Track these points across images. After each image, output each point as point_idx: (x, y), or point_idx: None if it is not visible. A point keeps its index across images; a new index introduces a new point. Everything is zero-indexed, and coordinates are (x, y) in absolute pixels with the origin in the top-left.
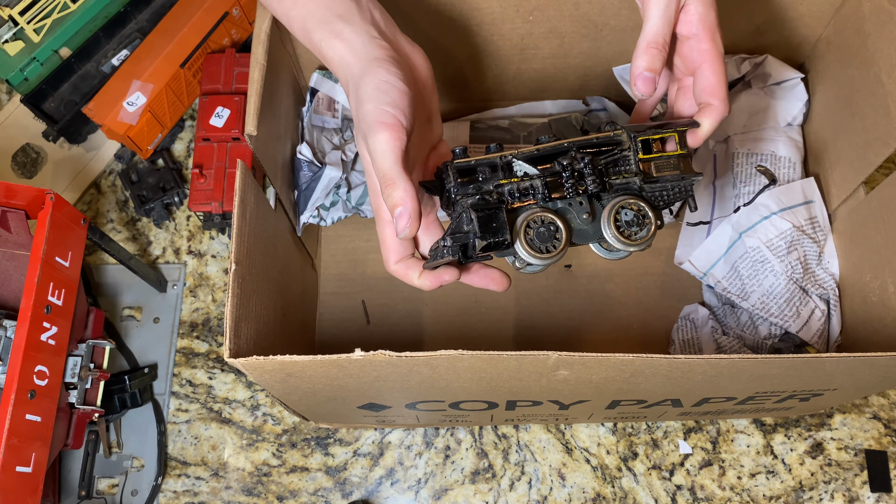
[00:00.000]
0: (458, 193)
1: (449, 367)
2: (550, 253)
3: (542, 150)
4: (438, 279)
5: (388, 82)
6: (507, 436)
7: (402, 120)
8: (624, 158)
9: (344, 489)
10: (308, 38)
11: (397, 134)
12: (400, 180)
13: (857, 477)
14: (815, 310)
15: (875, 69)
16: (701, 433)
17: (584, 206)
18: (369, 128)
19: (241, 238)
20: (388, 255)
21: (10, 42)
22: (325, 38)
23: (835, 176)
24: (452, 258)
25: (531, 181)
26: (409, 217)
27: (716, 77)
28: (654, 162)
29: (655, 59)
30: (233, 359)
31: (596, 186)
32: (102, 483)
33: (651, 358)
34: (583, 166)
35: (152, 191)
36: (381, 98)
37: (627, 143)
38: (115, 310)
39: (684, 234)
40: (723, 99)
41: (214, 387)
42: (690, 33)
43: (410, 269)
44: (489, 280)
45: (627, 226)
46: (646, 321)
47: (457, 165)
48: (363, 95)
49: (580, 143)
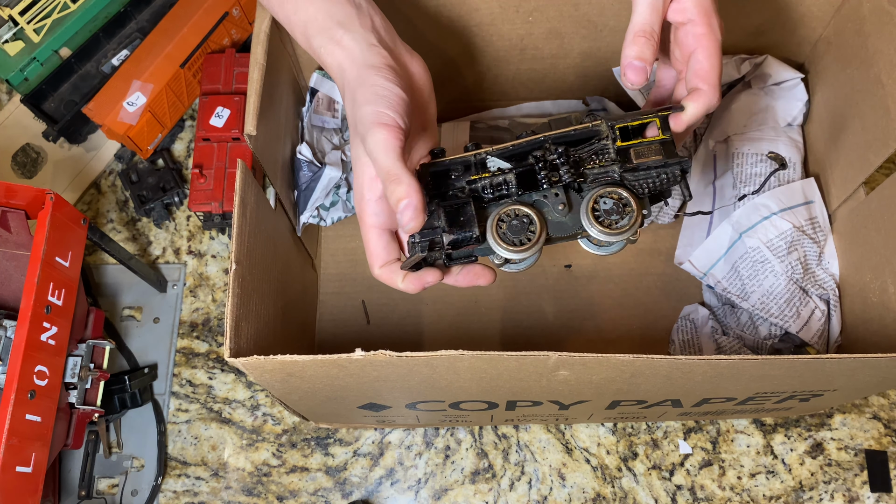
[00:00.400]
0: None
1: (449, 368)
2: (524, 245)
3: (517, 147)
4: (421, 281)
5: (385, 88)
6: (507, 436)
7: (399, 122)
8: (602, 148)
9: (344, 489)
10: (308, 44)
11: (396, 133)
12: (403, 175)
13: (857, 477)
14: (815, 310)
15: (875, 70)
16: (701, 433)
17: (560, 196)
18: (367, 129)
19: (241, 238)
20: (372, 261)
21: (10, 42)
22: (325, 45)
23: (835, 176)
24: (422, 254)
25: (504, 176)
26: (414, 209)
27: (708, 61)
28: (633, 148)
29: (644, 48)
30: (233, 358)
31: (570, 177)
32: (102, 483)
33: (651, 359)
34: (556, 157)
35: (152, 191)
36: (378, 102)
37: (606, 133)
38: (115, 310)
39: (684, 234)
40: (712, 84)
41: (214, 387)
42: (686, 19)
43: (395, 273)
44: (473, 276)
45: (607, 214)
46: (646, 321)
47: (431, 166)
48: (360, 100)
49: (555, 137)
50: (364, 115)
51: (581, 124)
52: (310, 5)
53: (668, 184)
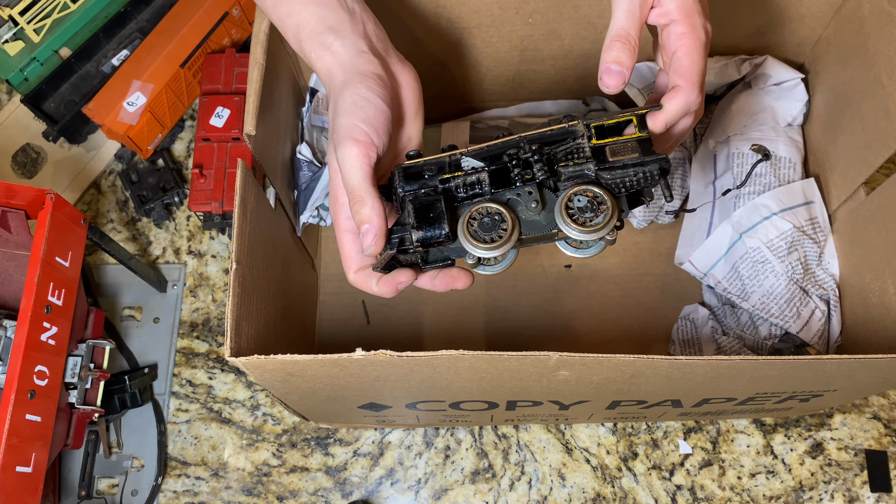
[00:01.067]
0: (403, 191)
1: (449, 368)
2: (496, 242)
3: (493, 147)
4: (394, 283)
5: (365, 98)
6: (507, 436)
7: (373, 137)
8: (578, 147)
9: (344, 489)
10: (300, 48)
11: (366, 150)
12: (368, 198)
13: (857, 477)
14: (815, 310)
15: (875, 70)
16: (701, 433)
17: (534, 195)
18: (339, 141)
19: (241, 238)
20: (347, 265)
21: (10, 42)
22: (315, 50)
23: (835, 177)
24: (391, 251)
25: (477, 174)
26: (375, 235)
27: (687, 58)
28: (609, 147)
29: (621, 52)
30: (234, 358)
31: (544, 174)
32: (102, 483)
33: (652, 359)
34: (529, 155)
35: (152, 191)
36: (355, 113)
37: (582, 132)
38: (115, 310)
39: (684, 234)
40: (691, 81)
41: (214, 387)
42: (669, 20)
43: (370, 277)
44: (450, 279)
45: (581, 212)
46: (646, 321)
47: (404, 166)
48: (340, 108)
49: (531, 137)
50: (340, 125)
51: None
52: (303, 9)
53: (646, 183)
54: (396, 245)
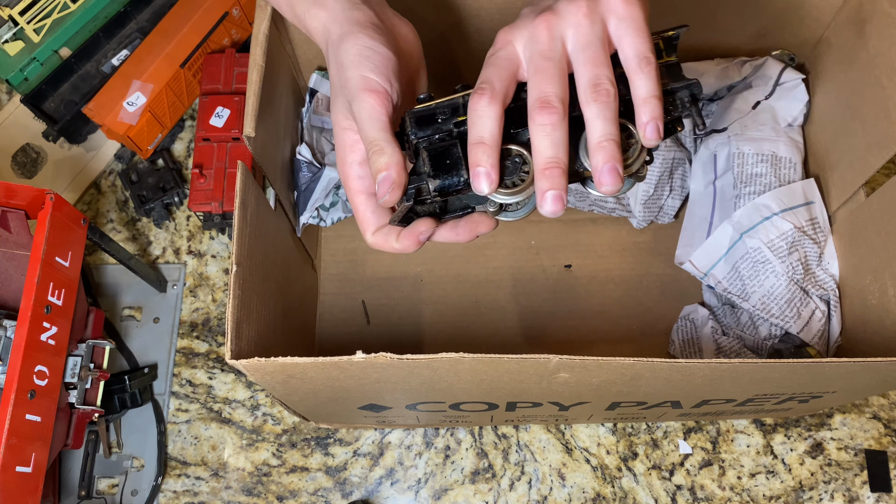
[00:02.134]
0: (416, 138)
1: (450, 370)
2: (518, 187)
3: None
4: (415, 234)
5: (369, 48)
6: (507, 436)
7: (386, 87)
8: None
9: (344, 489)
10: (293, 13)
11: (382, 101)
12: (388, 147)
13: (857, 477)
14: (815, 311)
15: (876, 72)
16: (701, 433)
17: None
18: (353, 94)
19: (242, 239)
20: (364, 227)
21: (10, 42)
22: (308, 9)
23: (835, 178)
24: (408, 203)
25: None
26: (392, 183)
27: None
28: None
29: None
30: (234, 360)
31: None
32: (102, 483)
33: (652, 361)
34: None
35: (152, 191)
36: (363, 64)
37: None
38: (115, 310)
39: (684, 234)
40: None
41: (214, 387)
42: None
43: (389, 235)
44: (473, 226)
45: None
46: (646, 321)
47: (415, 111)
48: (344, 61)
49: None
50: (350, 78)
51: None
52: None
53: (678, 111)
54: (413, 196)
